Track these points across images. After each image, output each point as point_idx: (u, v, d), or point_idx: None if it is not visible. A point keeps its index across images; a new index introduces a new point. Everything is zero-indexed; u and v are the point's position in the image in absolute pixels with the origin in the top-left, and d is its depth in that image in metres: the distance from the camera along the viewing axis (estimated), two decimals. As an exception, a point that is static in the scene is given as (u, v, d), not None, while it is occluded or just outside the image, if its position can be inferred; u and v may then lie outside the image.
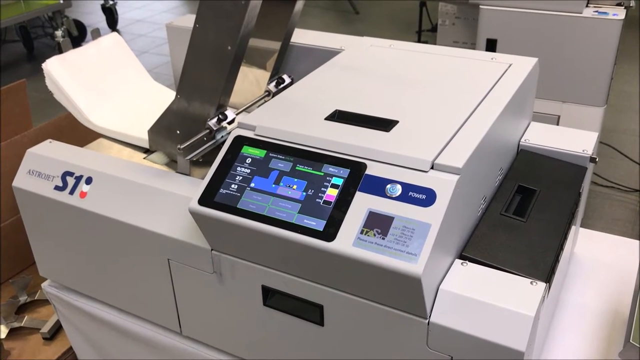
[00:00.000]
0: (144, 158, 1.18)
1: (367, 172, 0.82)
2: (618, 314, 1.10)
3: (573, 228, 1.06)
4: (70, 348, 1.35)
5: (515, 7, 2.19)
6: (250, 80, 1.26)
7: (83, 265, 1.13)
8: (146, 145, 1.18)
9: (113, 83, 1.33)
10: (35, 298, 1.54)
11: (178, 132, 1.10)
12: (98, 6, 5.04)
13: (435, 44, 3.03)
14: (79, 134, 1.33)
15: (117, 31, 5.00)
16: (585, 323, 1.08)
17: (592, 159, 1.06)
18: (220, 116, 1.06)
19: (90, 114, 1.26)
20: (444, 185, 0.78)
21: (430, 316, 0.79)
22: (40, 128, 1.62)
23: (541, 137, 1.11)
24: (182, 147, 1.02)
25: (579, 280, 1.18)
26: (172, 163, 1.14)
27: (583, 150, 1.06)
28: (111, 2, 4.92)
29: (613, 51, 2.12)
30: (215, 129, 1.05)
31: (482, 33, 2.28)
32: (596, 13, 2.11)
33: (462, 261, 0.84)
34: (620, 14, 2.10)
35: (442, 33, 2.76)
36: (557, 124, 2.28)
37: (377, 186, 0.81)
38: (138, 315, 1.13)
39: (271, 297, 0.92)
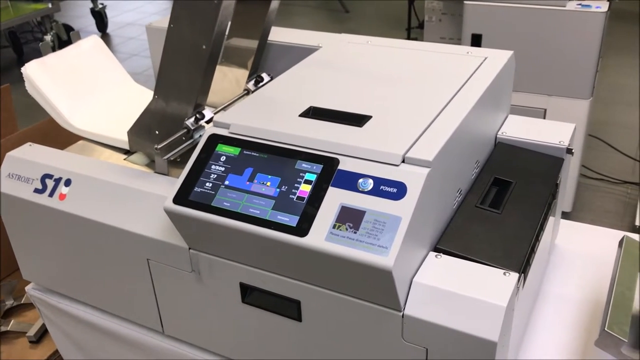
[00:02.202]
0: (125, 159, 1.18)
1: (340, 167, 0.83)
2: (599, 304, 1.11)
3: (552, 219, 1.06)
4: (57, 351, 1.35)
5: (499, 2, 2.19)
6: (229, 79, 1.27)
7: (65, 267, 1.14)
8: (127, 146, 1.18)
9: (94, 85, 1.33)
10: (22, 302, 1.54)
11: (157, 132, 1.10)
12: (88, 10, 5.03)
13: (422, 40, 3.04)
14: (64, 137, 1.34)
15: (107, 34, 5.01)
16: (566, 313, 1.09)
17: (569, 150, 1.06)
18: (197, 115, 1.06)
19: (71, 117, 1.26)
20: (414, 179, 0.79)
21: (404, 309, 0.79)
22: (24, 132, 1.62)
23: (518, 129, 1.11)
24: (158, 147, 1.02)
25: (560, 271, 1.18)
26: (152, 163, 1.15)
27: (560, 142, 1.07)
28: (100, 6, 4.92)
29: (597, 43, 2.13)
30: (192, 128, 1.06)
31: (467, 28, 2.28)
32: (579, 6, 2.11)
33: (436, 253, 0.85)
34: (603, 6, 2.11)
35: (429, 29, 2.77)
36: (544, 118, 2.29)
37: (350, 181, 0.81)
38: (121, 316, 1.13)
39: (249, 295, 0.92)
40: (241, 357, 1.01)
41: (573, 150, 1.07)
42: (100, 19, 4.97)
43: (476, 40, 2.27)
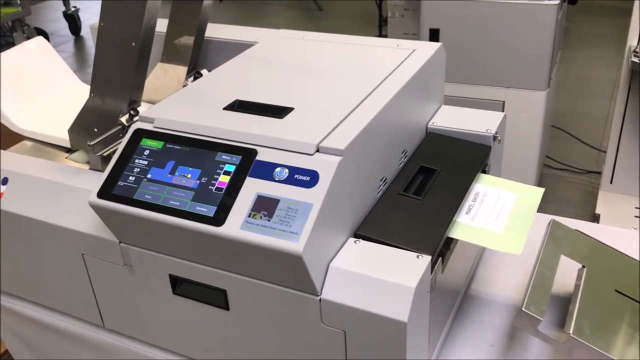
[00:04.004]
0: (66, 157, 1.20)
1: (258, 157, 0.85)
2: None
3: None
4: (7, 350, 1.37)
5: (455, -3, 2.23)
6: (171, 76, 1.29)
7: (6, 265, 1.15)
8: (69, 144, 1.20)
9: (38, 85, 1.35)
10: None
11: (95, 129, 1.12)
12: (61, 13, 5.02)
13: (387, 36, 3.07)
14: (12, 137, 1.35)
15: (81, 37, 5.00)
16: (498, 296, 1.12)
17: (495, 138, 1.09)
18: (132, 112, 1.08)
19: (15, 118, 1.28)
20: (326, 167, 0.81)
21: (321, 293, 0.82)
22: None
23: (449, 119, 1.14)
24: (91, 143, 1.04)
25: (497, 256, 1.21)
26: (92, 161, 1.16)
27: (487, 130, 1.10)
28: (73, 9, 4.91)
29: (551, 36, 2.17)
30: (127, 124, 1.07)
31: (425, 23, 2.32)
32: (532, -1, 2.15)
33: (355, 239, 0.88)
34: (554, -1, 2.14)
35: (392, 25, 2.81)
36: (503, 110, 2.33)
37: (266, 171, 0.84)
38: (64, 312, 1.15)
39: (179, 286, 0.94)
40: (177, 348, 1.04)
41: (499, 138, 1.10)
42: (73, 22, 4.96)
43: (434, 35, 2.31)
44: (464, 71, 2.30)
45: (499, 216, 0.98)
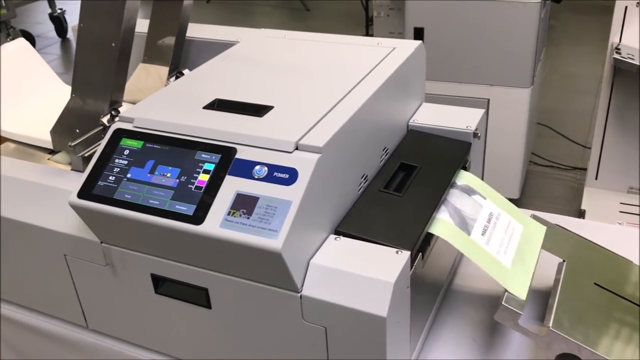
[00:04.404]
0: (48, 159, 1.20)
1: (237, 156, 0.85)
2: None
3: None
4: (-8, 352, 1.36)
5: (438, -4, 2.24)
6: (153, 76, 1.29)
7: (-11, 267, 1.15)
8: (51, 146, 1.19)
9: (20, 87, 1.34)
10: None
11: (77, 130, 1.12)
12: (47, 16, 4.99)
13: (373, 35, 3.08)
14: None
15: (68, 39, 4.98)
16: (480, 292, 1.13)
17: (475, 134, 1.10)
18: (113, 112, 1.08)
19: (-4, 119, 1.27)
20: (305, 164, 0.81)
21: (302, 290, 0.82)
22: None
23: (429, 116, 1.15)
24: (72, 144, 1.04)
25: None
26: (75, 162, 1.16)
27: (467, 127, 1.11)
28: (59, 11, 4.88)
29: (534, 33, 2.18)
30: (109, 125, 1.07)
31: (409, 22, 2.33)
32: (515, -3, 2.17)
33: (335, 236, 0.88)
34: (537, -4, 2.16)
35: (378, 25, 2.81)
36: (487, 108, 2.34)
37: (246, 169, 0.84)
38: (46, 313, 1.15)
39: (161, 285, 0.95)
40: (160, 347, 1.04)
41: (479, 134, 1.11)
42: (59, 24, 4.93)
43: (418, 34, 2.32)
44: (449, 69, 2.31)
45: (508, 248, 0.98)
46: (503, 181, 2.43)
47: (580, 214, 2.36)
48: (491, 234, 0.98)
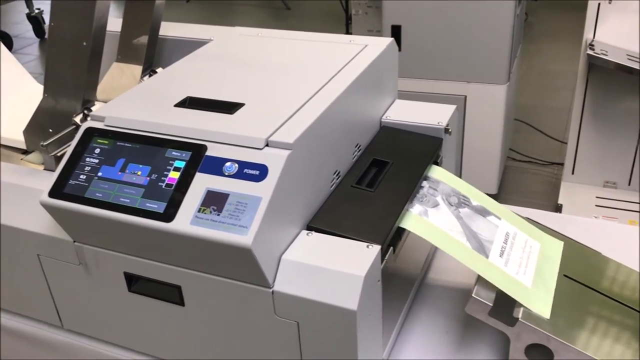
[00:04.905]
0: (22, 159, 1.19)
1: (208, 153, 0.86)
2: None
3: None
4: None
5: (415, -6, 2.26)
6: (127, 75, 1.29)
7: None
8: (24, 146, 1.19)
9: (-8, 87, 1.34)
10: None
11: (50, 130, 1.11)
12: (24, 16, 4.94)
13: (352, 33, 3.09)
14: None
15: (46, 40, 4.93)
16: (454, 285, 1.15)
17: (447, 130, 1.12)
18: (86, 111, 1.08)
19: (-32, 120, 1.26)
20: (275, 161, 0.82)
21: (273, 285, 0.83)
22: None
23: (402, 113, 1.16)
24: (44, 144, 1.04)
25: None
26: (48, 162, 1.16)
27: (438, 123, 1.12)
28: (37, 11, 4.83)
29: (509, 30, 2.21)
30: (81, 124, 1.07)
31: (387, 20, 2.34)
32: (491, -5, 2.19)
33: (307, 231, 0.89)
34: (512, -6, 2.18)
35: (357, 22, 2.82)
36: (464, 104, 2.37)
37: (216, 166, 0.84)
38: (21, 313, 1.14)
39: (135, 283, 0.95)
40: (135, 346, 1.04)
41: (450, 130, 1.13)
42: (37, 24, 4.88)
43: (396, 32, 2.33)
44: (426, 67, 2.33)
45: (527, 267, 0.98)
46: (481, 177, 2.46)
47: (557, 209, 2.40)
48: (509, 255, 0.98)
